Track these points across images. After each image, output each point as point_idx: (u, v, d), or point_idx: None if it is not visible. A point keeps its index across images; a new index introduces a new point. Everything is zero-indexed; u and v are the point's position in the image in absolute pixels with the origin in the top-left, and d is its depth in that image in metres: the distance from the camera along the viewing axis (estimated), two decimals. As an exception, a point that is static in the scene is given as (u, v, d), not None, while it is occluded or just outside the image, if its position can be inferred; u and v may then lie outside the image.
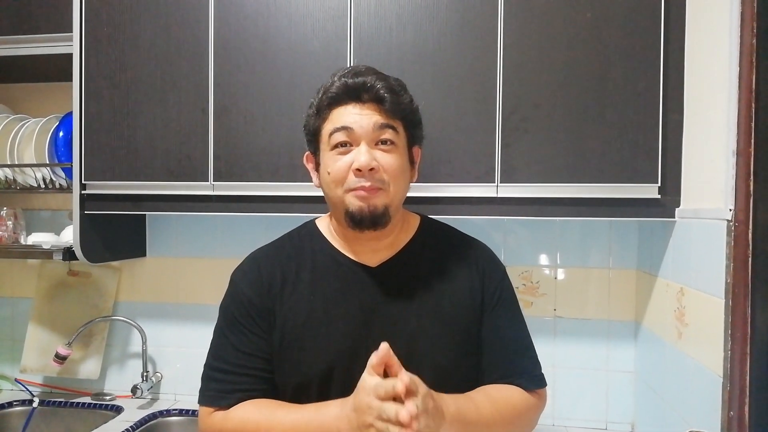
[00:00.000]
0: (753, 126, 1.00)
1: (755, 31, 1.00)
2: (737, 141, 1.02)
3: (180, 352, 1.88)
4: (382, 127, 0.98)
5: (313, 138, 1.05)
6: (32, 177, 1.72)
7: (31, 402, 1.86)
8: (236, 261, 1.13)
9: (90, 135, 1.52)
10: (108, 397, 1.86)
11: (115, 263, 1.89)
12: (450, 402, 0.91)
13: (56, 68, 1.73)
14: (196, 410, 1.75)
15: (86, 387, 1.92)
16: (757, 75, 1.00)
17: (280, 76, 1.42)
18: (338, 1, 1.40)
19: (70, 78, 1.52)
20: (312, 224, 1.15)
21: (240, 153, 1.45)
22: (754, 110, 1.00)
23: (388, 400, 0.83)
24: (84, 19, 1.51)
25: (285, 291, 1.05)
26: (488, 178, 1.36)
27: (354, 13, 1.39)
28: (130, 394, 1.79)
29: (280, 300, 1.05)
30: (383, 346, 0.86)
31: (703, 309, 1.15)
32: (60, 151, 1.69)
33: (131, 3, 1.49)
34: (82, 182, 1.54)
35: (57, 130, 1.70)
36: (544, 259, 1.70)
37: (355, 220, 0.99)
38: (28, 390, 1.92)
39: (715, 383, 1.06)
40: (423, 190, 1.37)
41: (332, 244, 1.10)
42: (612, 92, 1.31)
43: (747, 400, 1.00)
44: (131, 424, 1.66)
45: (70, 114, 1.60)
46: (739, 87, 1.02)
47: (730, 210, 1.03)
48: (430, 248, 1.11)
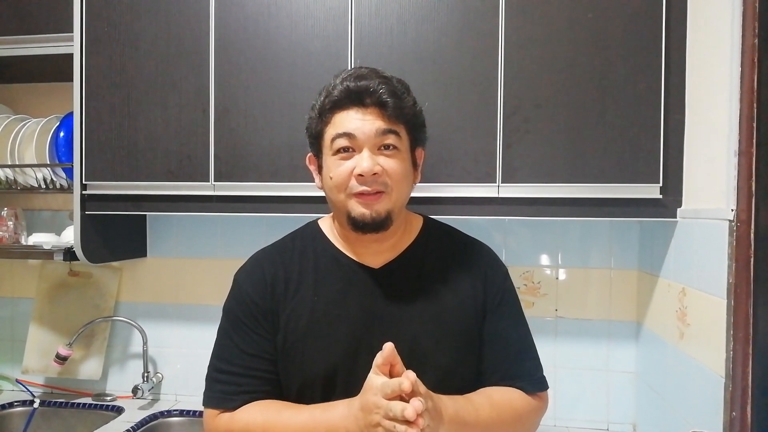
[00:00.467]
0: (755, 126, 1.00)
1: (757, 30, 1.00)
2: (739, 141, 1.02)
3: (181, 353, 1.87)
4: (385, 132, 0.98)
5: (315, 141, 1.05)
6: (33, 177, 1.73)
7: (31, 402, 1.86)
8: (237, 261, 1.13)
9: (91, 135, 1.52)
10: (109, 398, 1.86)
11: (115, 263, 1.89)
12: (449, 404, 0.91)
13: (57, 68, 1.72)
14: (197, 411, 1.75)
15: (87, 387, 1.91)
16: (759, 75, 0.99)
17: (281, 76, 1.42)
18: (339, 2, 1.39)
19: (70, 78, 1.52)
20: (314, 225, 1.15)
21: (241, 153, 1.45)
22: (756, 110, 1.00)
23: (394, 399, 0.83)
24: (84, 19, 1.51)
25: (288, 292, 1.05)
26: (489, 178, 1.35)
27: (354, 14, 1.39)
28: (131, 394, 1.80)
29: (284, 301, 1.05)
30: (388, 346, 0.86)
31: (704, 309, 1.14)
32: (61, 151, 1.69)
33: (132, 3, 1.49)
34: (83, 182, 1.54)
35: (58, 130, 1.70)
36: (546, 260, 1.70)
37: (357, 225, 0.99)
38: (28, 390, 1.92)
39: (717, 384, 1.05)
40: (424, 190, 1.36)
41: (335, 245, 1.09)
42: (613, 92, 1.31)
43: (749, 401, 1.00)
44: (132, 424, 1.66)
45: (71, 114, 1.60)
46: (740, 87, 1.02)
47: (731, 210, 1.03)
48: (432, 250, 1.11)
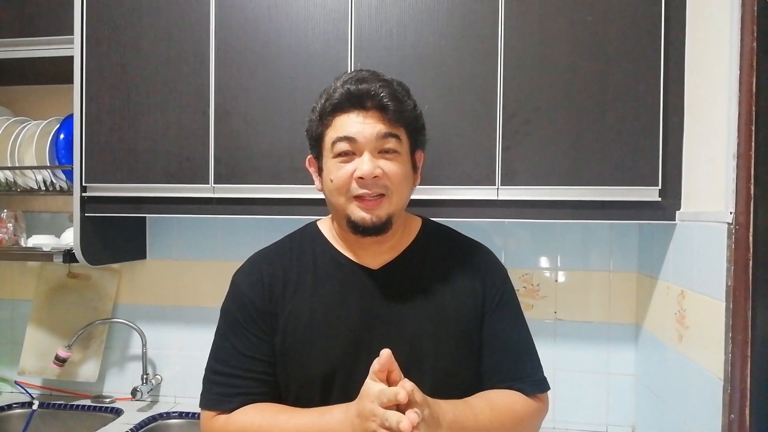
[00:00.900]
0: (753, 129, 1.00)
1: (755, 34, 1.00)
2: (738, 144, 1.02)
3: (180, 355, 1.87)
4: (386, 136, 0.98)
5: (316, 143, 1.05)
6: (33, 179, 1.73)
7: (30, 404, 1.85)
8: (237, 263, 1.13)
9: (91, 137, 1.52)
10: (108, 400, 1.86)
11: (115, 265, 1.89)
12: (447, 409, 0.91)
13: (57, 71, 1.73)
14: (196, 413, 1.75)
15: (86, 389, 1.91)
16: (758, 78, 1.00)
17: (281, 79, 1.43)
18: (339, 4, 1.40)
19: (71, 80, 1.52)
20: (313, 226, 1.15)
21: (241, 155, 1.45)
22: (754, 113, 1.00)
23: (390, 408, 0.83)
24: (85, 21, 1.51)
25: (287, 293, 1.05)
26: (489, 180, 1.36)
27: (355, 16, 1.39)
28: (130, 396, 1.79)
29: (282, 302, 1.05)
30: (385, 353, 0.86)
31: (703, 312, 1.15)
32: (60, 153, 1.69)
33: (132, 5, 1.49)
34: (83, 184, 1.54)
35: (58, 132, 1.70)
36: (545, 262, 1.70)
37: (357, 229, 1.00)
38: (27, 392, 1.92)
39: (716, 386, 1.05)
40: (424, 192, 1.37)
41: (334, 246, 1.10)
42: (612, 95, 1.31)
43: (748, 403, 1.00)
44: (131, 426, 1.66)
45: (71, 116, 1.60)
46: (739, 90, 1.02)
47: (730, 213, 1.03)
48: (431, 251, 1.11)
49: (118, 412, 1.78)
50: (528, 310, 1.70)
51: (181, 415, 1.77)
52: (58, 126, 1.71)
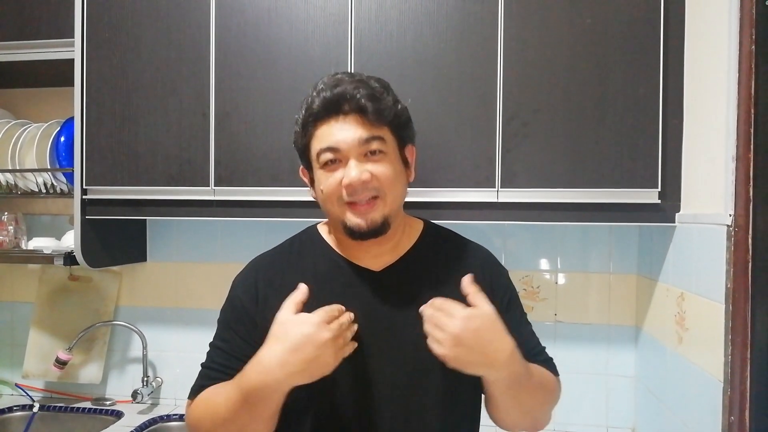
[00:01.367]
0: (752, 131, 1.01)
1: (754, 37, 1.00)
2: (737, 146, 1.03)
3: (180, 357, 1.87)
4: (368, 140, 0.97)
5: (303, 155, 1.05)
6: (33, 182, 1.73)
7: (31, 407, 1.85)
8: (237, 266, 1.13)
9: (91, 140, 1.52)
10: (108, 402, 1.86)
11: (115, 268, 1.89)
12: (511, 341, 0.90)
13: (58, 73, 1.73)
14: (196, 415, 1.75)
15: (86, 392, 1.91)
16: (756, 80, 1.00)
17: (281, 81, 1.43)
18: (339, 7, 1.40)
19: (71, 83, 1.53)
20: (313, 229, 1.15)
21: (241, 158, 1.45)
22: (753, 115, 1.00)
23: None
24: (85, 24, 1.52)
25: (282, 298, 1.05)
26: (489, 183, 1.36)
27: (354, 19, 1.40)
28: (131, 399, 1.79)
29: (276, 308, 1.04)
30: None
31: (703, 314, 1.15)
32: (61, 156, 1.69)
33: (132, 8, 1.50)
34: (83, 187, 1.54)
35: (58, 135, 1.70)
36: (545, 264, 1.70)
37: (354, 234, 0.99)
38: (28, 395, 1.92)
39: (716, 388, 1.06)
40: (423, 195, 1.37)
41: (334, 249, 1.09)
42: (612, 97, 1.32)
43: (747, 405, 1.00)
44: (132, 429, 1.66)
45: (72, 119, 1.60)
46: (738, 92, 1.03)
47: (730, 215, 1.03)
48: (433, 253, 1.11)
49: (118, 415, 1.78)
50: (528, 312, 1.68)
51: (182, 417, 1.77)
52: (58, 129, 1.72)
